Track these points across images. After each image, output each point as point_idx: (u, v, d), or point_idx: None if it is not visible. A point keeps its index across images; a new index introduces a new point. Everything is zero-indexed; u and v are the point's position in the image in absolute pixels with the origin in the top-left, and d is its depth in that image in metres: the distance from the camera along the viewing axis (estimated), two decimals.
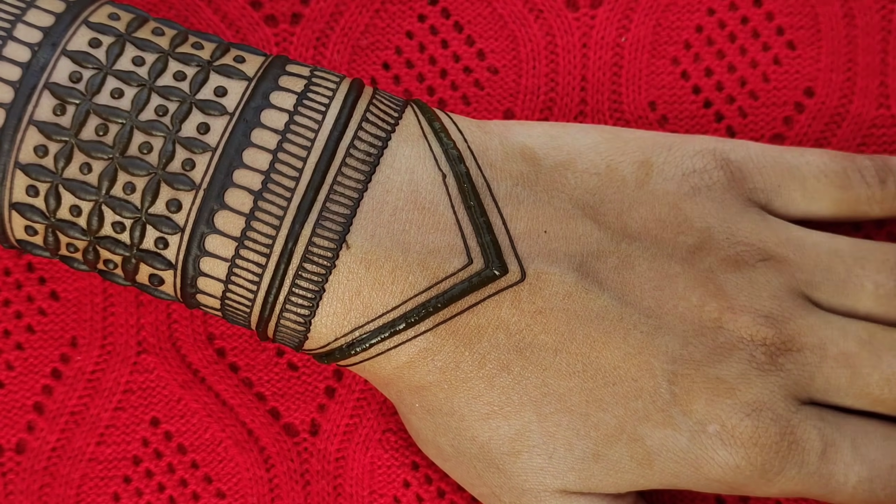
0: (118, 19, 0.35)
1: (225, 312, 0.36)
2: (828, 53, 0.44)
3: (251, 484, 0.43)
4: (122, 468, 0.42)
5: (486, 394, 0.36)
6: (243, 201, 0.34)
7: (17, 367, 0.42)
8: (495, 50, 0.43)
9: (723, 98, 0.44)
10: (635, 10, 0.43)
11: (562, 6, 0.43)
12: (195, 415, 0.43)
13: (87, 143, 0.33)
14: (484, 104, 0.43)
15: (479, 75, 0.43)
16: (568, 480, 0.37)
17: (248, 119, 0.34)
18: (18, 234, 0.35)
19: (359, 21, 0.43)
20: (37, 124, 0.33)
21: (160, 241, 0.34)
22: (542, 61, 0.43)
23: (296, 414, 0.43)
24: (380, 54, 0.43)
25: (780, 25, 0.44)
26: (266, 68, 0.35)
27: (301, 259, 0.34)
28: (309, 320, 0.35)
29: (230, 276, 0.34)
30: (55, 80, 0.33)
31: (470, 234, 0.35)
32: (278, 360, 0.43)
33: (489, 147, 0.36)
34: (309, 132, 0.34)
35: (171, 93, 0.34)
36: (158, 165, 0.33)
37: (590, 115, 0.43)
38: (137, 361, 0.42)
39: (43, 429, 0.42)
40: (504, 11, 0.43)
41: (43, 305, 0.42)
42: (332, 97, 0.35)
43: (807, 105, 0.44)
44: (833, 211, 0.40)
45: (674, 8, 0.44)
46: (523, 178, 0.36)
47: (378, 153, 0.35)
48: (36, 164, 0.33)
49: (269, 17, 0.42)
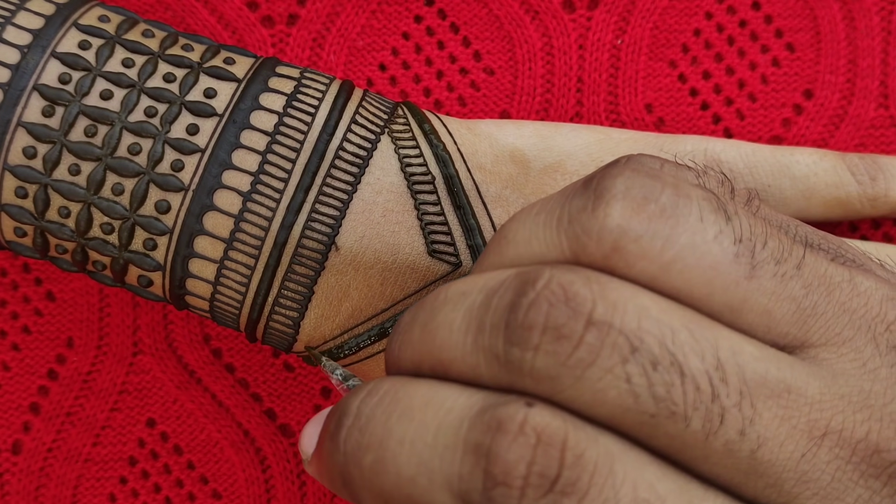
0: (108, 21, 0.35)
1: (214, 314, 0.36)
2: (827, 55, 0.44)
3: (247, 484, 0.43)
4: (119, 469, 0.43)
5: None
6: (232, 202, 0.34)
7: (13, 368, 0.42)
8: (492, 51, 0.43)
9: (720, 100, 0.44)
10: (632, 12, 0.43)
11: (558, 7, 0.43)
12: (191, 415, 0.43)
13: (75, 145, 0.33)
14: (480, 105, 0.43)
15: (475, 76, 0.43)
16: None
17: (238, 120, 0.34)
18: (7, 236, 0.35)
19: (355, 22, 0.43)
20: (25, 126, 0.33)
21: (149, 242, 0.34)
22: (538, 63, 0.43)
23: (292, 414, 0.43)
24: (376, 55, 0.43)
25: (779, 28, 0.44)
26: (256, 70, 0.35)
27: (290, 260, 0.34)
28: (298, 322, 0.35)
29: (219, 278, 0.34)
30: (44, 82, 0.34)
31: (459, 237, 0.35)
32: (274, 361, 0.43)
33: (479, 149, 0.36)
34: (298, 133, 0.34)
35: (160, 94, 0.34)
36: (147, 167, 0.33)
37: (586, 116, 0.43)
38: (133, 362, 0.43)
39: (39, 429, 0.42)
40: (500, 13, 0.43)
41: (39, 306, 0.42)
42: (322, 98, 0.35)
43: (805, 107, 0.44)
44: (825, 210, 0.40)
45: (671, 11, 0.44)
46: (512, 180, 0.36)
47: (367, 155, 0.35)
48: (24, 165, 0.34)
49: (265, 18, 0.42)
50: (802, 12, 0.44)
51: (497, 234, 0.29)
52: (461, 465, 0.25)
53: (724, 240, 0.26)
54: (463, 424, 0.25)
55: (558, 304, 0.25)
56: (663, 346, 0.25)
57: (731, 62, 0.44)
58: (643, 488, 0.24)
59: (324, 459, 0.28)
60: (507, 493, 0.24)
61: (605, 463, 0.24)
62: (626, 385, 0.24)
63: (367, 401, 0.27)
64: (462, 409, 0.25)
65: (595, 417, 0.25)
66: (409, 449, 0.25)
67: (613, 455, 0.24)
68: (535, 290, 0.25)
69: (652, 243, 0.26)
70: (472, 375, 0.26)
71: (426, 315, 0.28)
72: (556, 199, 0.28)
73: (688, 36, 0.44)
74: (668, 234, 0.26)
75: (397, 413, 0.26)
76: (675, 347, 0.25)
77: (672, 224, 0.26)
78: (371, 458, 0.26)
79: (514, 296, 0.26)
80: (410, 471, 0.25)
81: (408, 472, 0.25)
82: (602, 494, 0.24)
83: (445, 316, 0.27)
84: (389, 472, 0.26)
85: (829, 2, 0.44)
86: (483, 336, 0.26)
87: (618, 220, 0.26)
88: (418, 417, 0.26)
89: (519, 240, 0.28)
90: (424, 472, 0.25)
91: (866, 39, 0.44)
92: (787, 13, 0.44)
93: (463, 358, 0.26)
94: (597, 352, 0.24)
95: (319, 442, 0.29)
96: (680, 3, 0.43)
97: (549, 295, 0.25)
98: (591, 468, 0.24)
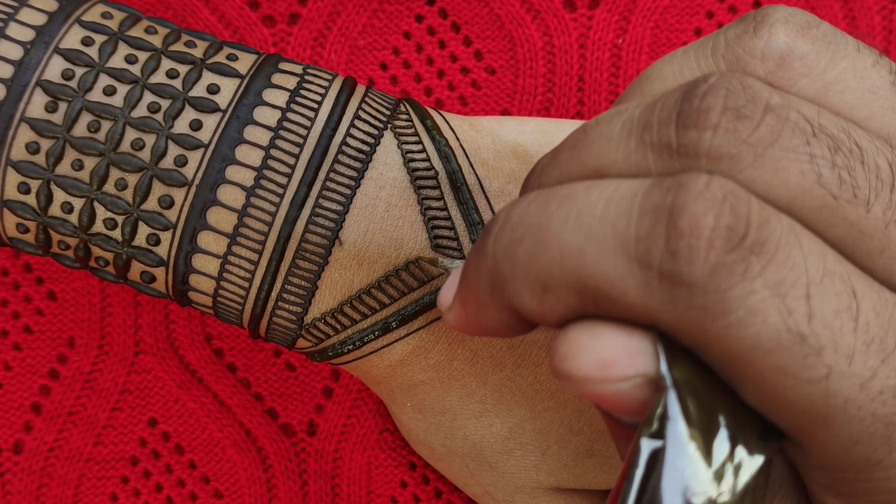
0: (111, 18, 0.35)
1: (217, 310, 0.36)
2: None
3: (249, 484, 0.43)
4: (120, 468, 0.43)
5: (478, 391, 0.36)
6: (236, 197, 0.34)
7: (14, 368, 0.42)
8: (493, 50, 0.43)
9: None
10: (633, 11, 0.43)
11: (559, 7, 0.43)
12: (193, 415, 0.43)
13: (78, 140, 0.33)
14: (481, 104, 0.43)
15: (476, 75, 0.43)
16: (562, 477, 0.37)
17: (241, 116, 0.34)
18: (10, 232, 0.35)
19: (356, 21, 0.43)
20: (28, 121, 0.33)
21: (152, 237, 0.34)
22: (539, 62, 0.43)
23: (293, 414, 0.43)
24: (377, 54, 0.43)
25: None
26: (259, 66, 0.35)
27: (293, 255, 0.34)
28: (301, 317, 0.35)
29: (222, 273, 0.34)
30: (47, 78, 0.34)
31: (462, 231, 0.35)
32: (276, 361, 0.43)
33: (481, 145, 0.36)
34: (301, 129, 0.34)
35: (163, 90, 0.34)
36: (151, 162, 0.33)
37: (587, 115, 0.43)
38: (135, 362, 0.43)
39: (40, 429, 0.42)
40: (501, 12, 0.43)
41: (41, 306, 0.42)
42: (325, 94, 0.35)
43: None
44: None
45: (672, 10, 0.44)
46: (515, 175, 0.36)
47: (370, 150, 0.35)
48: (27, 161, 0.34)
49: (266, 18, 0.42)
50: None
51: (636, 80, 0.29)
52: (638, 227, 0.23)
53: (881, 69, 0.27)
54: (637, 194, 0.24)
55: (735, 89, 0.24)
56: (844, 131, 0.24)
57: None
58: (831, 262, 0.24)
59: (468, 279, 0.27)
60: (694, 246, 0.23)
61: (791, 232, 0.23)
62: (809, 164, 0.24)
63: (515, 206, 0.26)
64: (632, 185, 0.24)
65: (774, 200, 0.24)
66: (574, 224, 0.24)
67: (796, 230, 0.24)
68: (707, 82, 0.25)
69: (816, 61, 0.26)
70: (637, 172, 0.25)
71: (571, 140, 0.27)
72: (699, 41, 0.28)
73: (689, 35, 0.44)
74: (830, 55, 0.26)
75: (556, 202, 0.25)
76: (855, 136, 0.25)
77: (833, 48, 0.26)
78: (527, 246, 0.25)
79: (685, 91, 0.25)
80: (576, 242, 0.24)
81: (573, 245, 0.24)
82: (790, 260, 0.23)
83: (599, 132, 0.26)
84: (550, 250, 0.24)
85: (831, 1, 0.44)
86: (650, 132, 0.25)
87: (784, 38, 0.26)
88: (581, 199, 0.25)
89: (666, 74, 0.28)
90: (594, 242, 0.24)
91: (867, 38, 0.44)
92: None
93: (626, 158, 0.25)
94: (778, 131, 0.24)
95: (463, 273, 0.28)
96: (681, 2, 0.44)
97: (725, 82, 0.25)
98: (778, 234, 0.23)
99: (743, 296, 0.23)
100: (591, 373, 0.24)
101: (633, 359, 0.24)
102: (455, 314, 0.28)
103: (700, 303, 0.23)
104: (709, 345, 0.23)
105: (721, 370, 0.24)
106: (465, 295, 0.27)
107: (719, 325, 0.23)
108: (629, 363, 0.24)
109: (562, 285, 0.24)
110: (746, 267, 0.23)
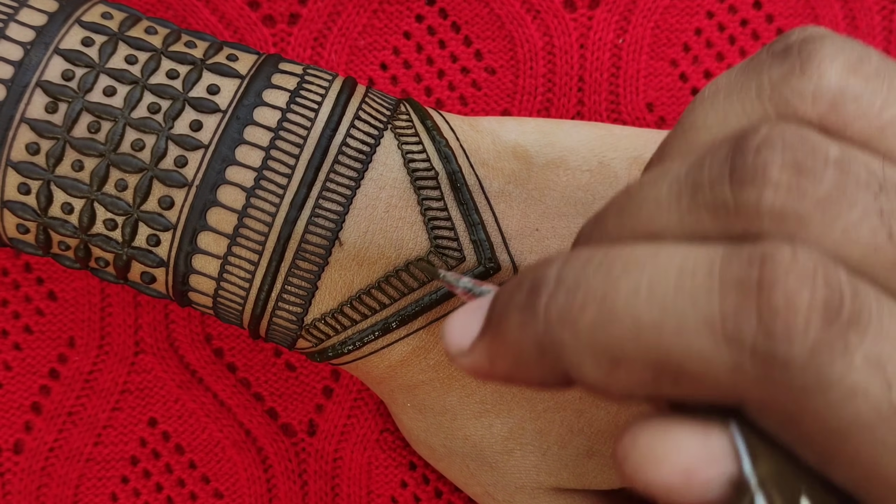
0: (111, 18, 0.35)
1: (217, 310, 0.36)
2: None
3: (249, 484, 0.43)
4: (120, 468, 0.42)
5: (479, 391, 0.36)
6: (236, 198, 0.34)
7: (14, 368, 0.42)
8: (493, 50, 0.43)
9: None
10: (633, 11, 0.43)
11: (559, 7, 0.43)
12: (193, 415, 0.43)
13: (78, 141, 0.33)
14: (481, 105, 0.43)
15: (476, 76, 0.43)
16: (562, 478, 0.37)
17: (241, 116, 0.34)
18: (10, 233, 0.35)
19: (356, 21, 0.43)
20: (28, 122, 0.33)
21: (152, 238, 0.34)
22: (539, 62, 0.43)
23: (293, 414, 0.43)
24: (377, 54, 0.43)
25: (781, 27, 0.44)
26: (259, 66, 0.35)
27: (294, 256, 0.34)
28: (301, 318, 0.35)
29: (222, 274, 0.34)
30: (47, 79, 0.34)
31: (462, 232, 0.35)
32: (276, 361, 0.43)
33: (481, 145, 0.36)
34: (301, 129, 0.34)
35: (163, 91, 0.34)
36: (151, 162, 0.33)
37: (587, 115, 0.43)
38: (135, 362, 0.43)
39: (41, 429, 0.42)
40: (501, 12, 0.43)
41: (41, 305, 0.42)
42: (325, 95, 0.35)
43: None
44: None
45: (672, 10, 0.44)
46: (515, 176, 0.36)
47: (371, 150, 0.35)
48: (27, 161, 0.33)
49: (266, 18, 0.42)
50: (804, 11, 0.44)
51: (676, 129, 0.27)
52: (723, 303, 0.22)
53: None
54: (713, 265, 0.23)
55: (793, 141, 0.23)
56: None
57: (733, 61, 0.44)
58: None
59: (507, 336, 0.25)
60: (791, 323, 0.21)
61: (877, 299, 0.22)
62: (879, 220, 0.23)
63: (568, 266, 0.24)
64: (703, 254, 0.23)
65: (845, 260, 0.23)
66: (646, 296, 0.23)
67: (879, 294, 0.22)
68: (759, 133, 0.23)
69: (872, 102, 0.24)
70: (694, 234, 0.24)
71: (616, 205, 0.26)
72: (737, 76, 0.26)
73: (689, 35, 0.44)
74: (885, 93, 0.24)
75: (619, 268, 0.23)
76: None
77: (888, 84, 0.25)
78: (592, 314, 0.23)
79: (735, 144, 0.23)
80: (652, 317, 0.23)
81: (649, 319, 0.23)
82: (884, 329, 0.22)
83: (645, 195, 0.25)
84: (622, 322, 0.23)
85: (831, 1, 0.44)
86: (702, 192, 0.24)
87: (835, 78, 0.25)
88: (649, 267, 0.23)
89: (711, 123, 0.26)
90: (672, 317, 0.22)
91: (867, 38, 0.44)
92: (789, 12, 0.44)
93: (680, 221, 0.24)
94: (843, 186, 0.23)
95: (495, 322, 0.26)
96: (681, 2, 0.44)
97: (780, 133, 0.23)
98: (869, 303, 0.22)
99: (844, 371, 0.22)
100: (674, 482, 0.23)
101: (716, 462, 0.23)
102: (476, 363, 0.27)
103: (799, 382, 0.22)
104: (804, 423, 0.22)
105: (810, 448, 0.23)
106: (500, 351, 0.26)
107: (818, 403, 0.22)
108: (712, 468, 0.23)
109: (637, 361, 0.23)
110: (846, 342, 0.22)
